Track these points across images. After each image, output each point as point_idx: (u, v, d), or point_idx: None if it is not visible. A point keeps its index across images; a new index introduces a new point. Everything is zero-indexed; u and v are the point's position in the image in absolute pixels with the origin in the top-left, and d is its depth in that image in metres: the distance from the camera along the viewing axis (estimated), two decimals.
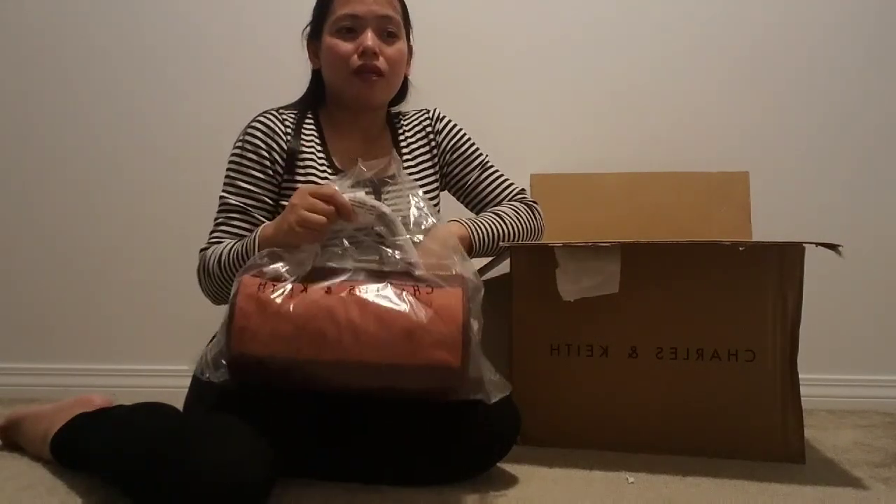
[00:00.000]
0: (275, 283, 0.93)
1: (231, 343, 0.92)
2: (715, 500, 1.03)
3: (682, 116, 1.73)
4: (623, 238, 1.33)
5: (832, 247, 1.12)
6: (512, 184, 1.32)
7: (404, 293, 0.94)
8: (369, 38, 1.15)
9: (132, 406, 1.19)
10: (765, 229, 1.56)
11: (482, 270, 1.47)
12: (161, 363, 1.78)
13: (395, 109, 1.33)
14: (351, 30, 1.16)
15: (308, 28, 1.25)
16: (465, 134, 1.33)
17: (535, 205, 1.32)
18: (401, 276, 0.98)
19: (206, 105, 1.80)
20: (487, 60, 1.76)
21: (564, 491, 1.06)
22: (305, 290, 0.94)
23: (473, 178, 1.31)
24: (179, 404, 1.16)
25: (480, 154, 1.33)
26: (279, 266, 0.96)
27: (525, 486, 1.09)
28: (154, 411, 1.17)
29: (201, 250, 1.15)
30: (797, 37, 1.71)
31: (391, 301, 0.93)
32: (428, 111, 1.33)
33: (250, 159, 1.16)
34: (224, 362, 0.94)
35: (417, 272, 0.98)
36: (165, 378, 1.72)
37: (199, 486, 0.88)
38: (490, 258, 1.33)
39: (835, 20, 1.70)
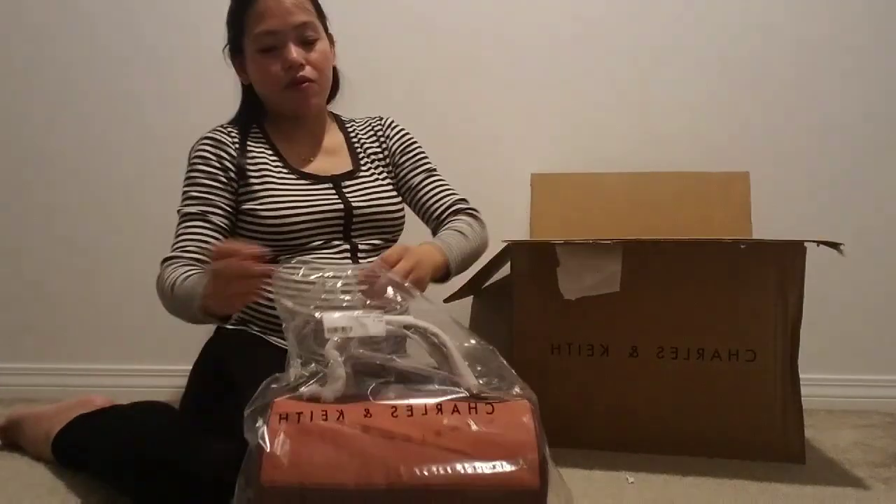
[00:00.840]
0: (313, 405, 0.79)
1: (262, 474, 0.75)
2: (715, 500, 1.03)
3: (682, 116, 1.73)
4: (624, 238, 1.33)
5: (834, 245, 1.12)
6: (455, 192, 1.33)
7: (465, 411, 0.80)
8: (292, 52, 1.15)
9: (131, 406, 1.20)
10: (765, 229, 1.56)
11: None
12: (161, 363, 1.78)
13: (343, 116, 1.35)
14: (272, 47, 1.16)
15: (227, 45, 1.25)
16: (413, 139, 1.34)
17: (480, 216, 1.32)
18: (451, 391, 0.84)
19: (208, 104, 1.79)
20: (488, 60, 1.76)
21: None
22: (348, 409, 0.79)
23: (419, 180, 1.31)
24: (178, 404, 1.16)
25: (427, 160, 1.34)
26: (314, 387, 0.81)
27: None
28: (153, 411, 1.18)
29: (163, 261, 1.14)
30: (797, 37, 1.70)
31: (450, 419, 0.79)
32: (380, 118, 1.35)
33: (200, 170, 1.17)
34: (249, 498, 0.77)
35: (471, 387, 0.84)
36: (165, 378, 1.72)
37: (199, 486, 0.88)
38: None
39: (835, 20, 1.69)
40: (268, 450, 0.75)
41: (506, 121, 1.75)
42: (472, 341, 0.89)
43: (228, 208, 1.17)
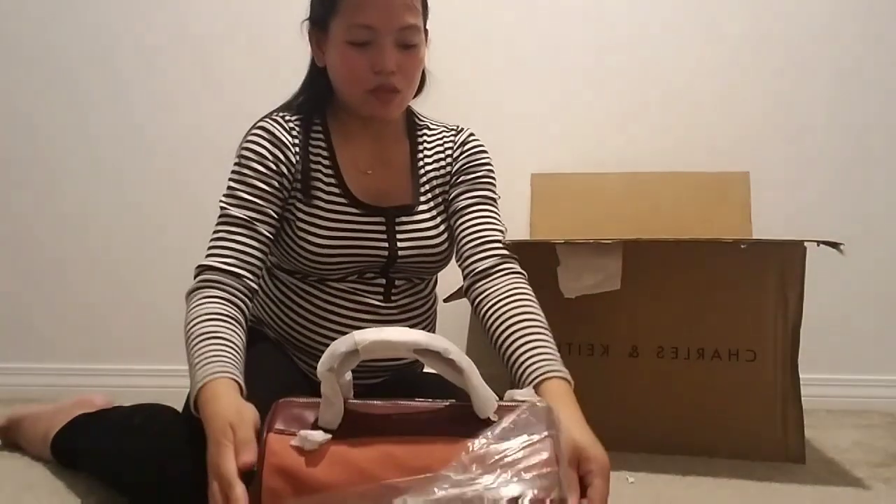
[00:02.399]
0: (305, 442, 0.71)
1: None
2: (715, 500, 1.03)
3: (682, 116, 1.73)
4: (624, 237, 1.33)
5: (834, 245, 1.12)
6: (500, 239, 1.09)
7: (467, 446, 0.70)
8: (387, 58, 1.00)
9: (132, 407, 1.19)
10: (765, 229, 1.56)
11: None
12: (161, 363, 1.78)
13: (421, 120, 1.21)
14: (365, 42, 1.01)
15: (309, 16, 1.09)
16: (485, 160, 1.16)
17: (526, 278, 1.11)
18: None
19: (207, 104, 1.80)
20: (488, 60, 1.76)
21: None
22: (341, 448, 0.71)
23: (466, 203, 1.11)
24: (179, 404, 1.15)
25: (489, 186, 1.14)
26: (315, 435, 0.71)
27: None
28: (153, 412, 1.17)
29: (198, 269, 1.01)
30: (797, 36, 1.70)
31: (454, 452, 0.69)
32: (456, 129, 1.19)
33: (254, 169, 1.03)
34: None
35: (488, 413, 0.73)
36: (165, 378, 1.72)
37: (199, 488, 0.88)
38: None
39: (835, 20, 1.69)
40: None
41: (506, 121, 1.75)
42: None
43: (276, 216, 1.05)
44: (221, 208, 1.03)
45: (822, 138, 1.70)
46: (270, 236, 1.03)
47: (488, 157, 1.17)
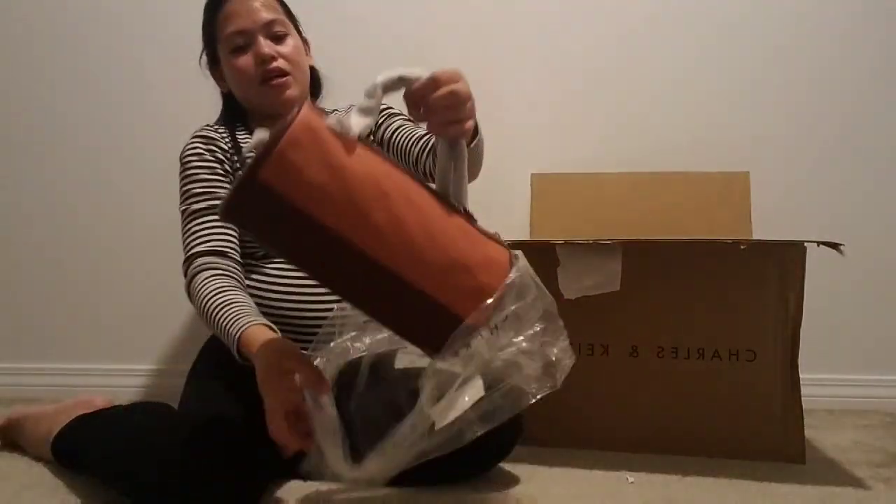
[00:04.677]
0: (335, 132, 0.74)
1: (261, 166, 0.71)
2: (715, 500, 1.03)
3: (683, 116, 1.73)
4: (623, 237, 1.33)
5: (834, 245, 1.12)
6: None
7: (459, 219, 0.80)
8: (262, 46, 1.18)
9: (132, 406, 1.19)
10: (765, 229, 1.56)
11: None
12: (161, 363, 1.78)
13: (326, 108, 1.30)
14: (243, 46, 1.20)
15: (203, 57, 1.30)
16: (393, 110, 1.29)
17: None
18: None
19: (205, 103, 1.79)
20: (487, 60, 1.76)
21: (564, 491, 1.06)
22: (365, 151, 0.76)
23: (397, 129, 1.25)
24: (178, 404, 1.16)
25: (408, 118, 1.26)
26: (350, 122, 0.75)
27: (525, 486, 1.09)
28: (154, 412, 1.17)
29: (186, 264, 1.11)
30: (798, 37, 1.70)
31: (447, 223, 0.78)
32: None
33: (197, 166, 1.18)
34: (234, 187, 0.74)
35: (465, 208, 0.85)
36: (165, 378, 1.72)
37: (196, 483, 0.88)
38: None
39: (835, 20, 1.69)
40: (281, 149, 0.70)
41: (506, 121, 1.75)
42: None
43: None
44: (182, 211, 1.16)
45: (823, 139, 1.70)
46: None
47: (394, 108, 1.28)
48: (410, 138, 1.22)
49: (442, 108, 0.82)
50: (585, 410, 1.29)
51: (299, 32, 1.29)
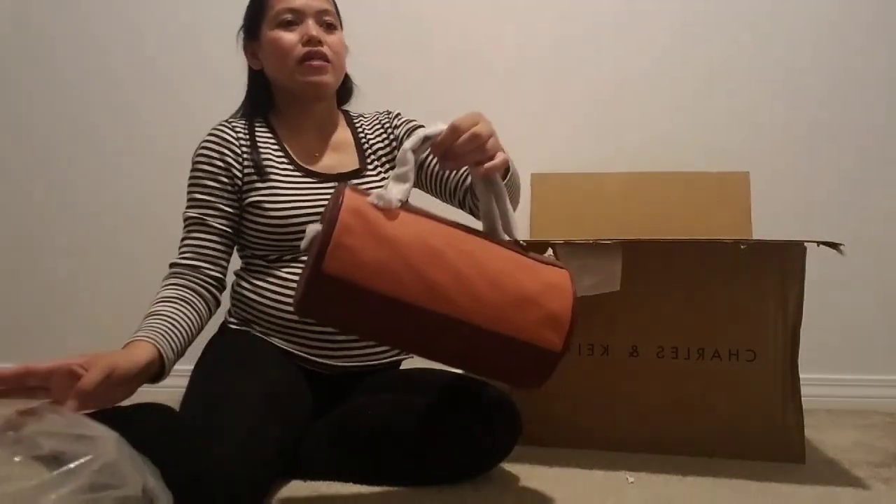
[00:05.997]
0: (381, 200, 0.80)
1: (323, 260, 0.75)
2: (715, 500, 1.03)
3: (683, 116, 1.73)
4: (623, 237, 1.33)
5: (834, 245, 1.12)
6: None
7: (510, 253, 0.83)
8: (312, 28, 1.17)
9: (132, 407, 1.19)
10: (765, 229, 1.56)
11: None
12: None
13: (352, 111, 1.33)
14: (291, 23, 1.17)
15: (242, 30, 1.26)
16: (422, 126, 1.28)
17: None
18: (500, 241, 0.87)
19: (202, 103, 1.79)
20: (487, 60, 1.76)
21: (564, 491, 1.06)
22: (408, 215, 0.80)
23: (431, 158, 1.24)
24: (178, 404, 1.16)
25: None
26: (390, 195, 0.80)
27: (525, 486, 1.09)
28: (154, 413, 1.17)
29: (171, 265, 1.16)
30: (798, 37, 1.71)
31: (502, 262, 0.82)
32: (388, 112, 1.32)
33: (204, 171, 1.17)
34: (304, 284, 0.78)
35: (516, 239, 0.89)
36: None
37: (197, 487, 0.88)
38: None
39: (835, 20, 1.70)
40: (337, 238, 0.75)
41: (506, 121, 1.74)
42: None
43: (229, 209, 1.17)
44: (183, 213, 1.17)
45: (823, 138, 1.70)
46: (224, 227, 1.15)
47: (421, 123, 1.28)
48: (444, 178, 1.24)
49: (468, 153, 0.86)
50: (585, 410, 1.29)
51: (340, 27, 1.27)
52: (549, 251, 1.00)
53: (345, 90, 1.32)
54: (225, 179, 1.17)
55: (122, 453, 0.74)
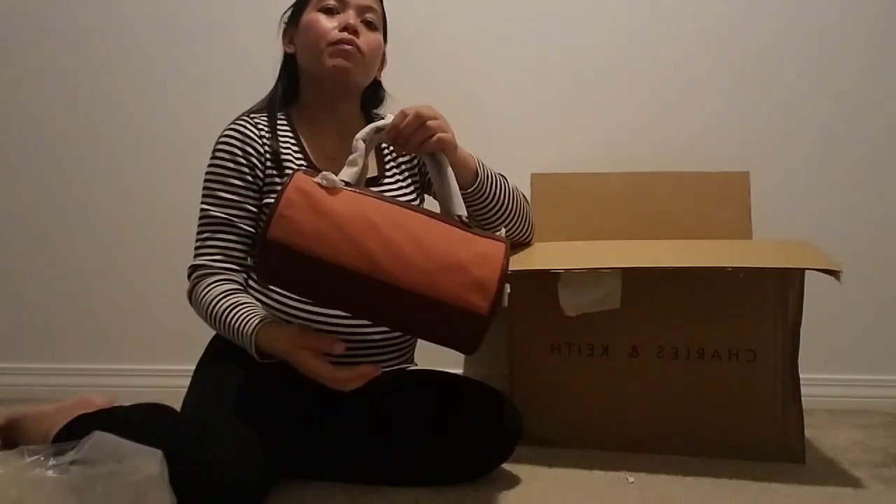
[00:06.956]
0: (325, 180, 0.91)
1: (269, 229, 0.88)
2: (715, 500, 1.03)
3: (683, 116, 1.73)
4: (623, 238, 1.33)
5: (832, 273, 1.08)
6: None
7: (448, 227, 0.92)
8: (351, 17, 1.15)
9: (131, 407, 1.19)
10: (765, 229, 1.56)
11: None
12: (161, 363, 1.78)
13: (379, 116, 1.27)
14: (332, 10, 1.16)
15: (287, 13, 1.24)
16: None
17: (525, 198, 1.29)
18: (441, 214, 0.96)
19: (204, 104, 1.80)
20: (487, 60, 1.76)
21: (564, 491, 1.06)
22: (356, 195, 0.92)
23: None
24: (178, 404, 1.16)
25: None
26: (334, 177, 0.92)
27: (525, 486, 1.09)
28: (152, 412, 1.17)
29: (191, 270, 1.12)
30: (798, 37, 1.70)
31: (437, 234, 0.90)
32: None
33: (228, 168, 1.12)
34: (259, 246, 0.91)
35: (460, 215, 0.96)
36: (165, 378, 1.72)
37: (197, 486, 0.88)
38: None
39: (835, 20, 1.69)
40: (280, 211, 0.88)
41: (506, 121, 1.75)
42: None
43: (255, 209, 1.13)
44: (202, 209, 1.14)
45: (823, 138, 1.70)
46: (251, 230, 1.13)
47: None
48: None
49: (413, 132, 0.99)
50: (585, 410, 1.29)
51: (384, 38, 1.26)
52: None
53: (375, 97, 1.29)
54: (250, 178, 1.13)
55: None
